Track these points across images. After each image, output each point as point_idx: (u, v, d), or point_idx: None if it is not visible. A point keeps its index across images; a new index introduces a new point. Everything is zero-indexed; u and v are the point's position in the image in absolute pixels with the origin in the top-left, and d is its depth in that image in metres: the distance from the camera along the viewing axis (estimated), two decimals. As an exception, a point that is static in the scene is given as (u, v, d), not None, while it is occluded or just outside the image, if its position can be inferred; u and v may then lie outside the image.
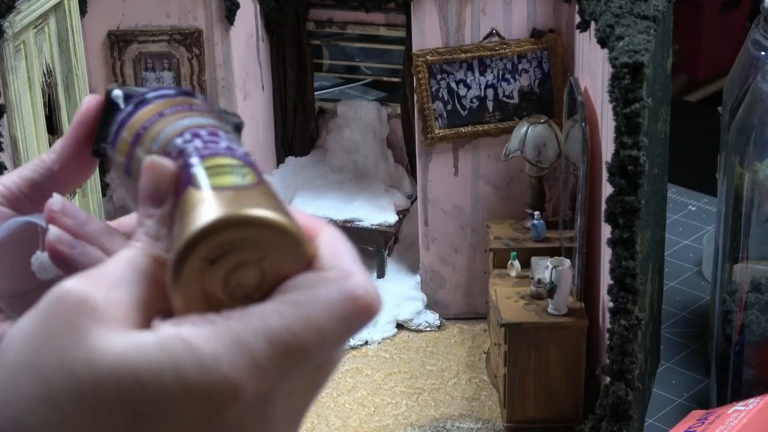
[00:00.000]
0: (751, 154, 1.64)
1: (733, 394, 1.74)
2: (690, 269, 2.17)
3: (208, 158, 0.56)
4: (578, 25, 1.76)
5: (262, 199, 0.54)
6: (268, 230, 0.53)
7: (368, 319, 0.55)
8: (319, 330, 0.53)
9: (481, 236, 2.04)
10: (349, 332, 0.55)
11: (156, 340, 0.51)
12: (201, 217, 0.53)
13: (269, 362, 0.52)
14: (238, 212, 0.53)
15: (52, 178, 0.67)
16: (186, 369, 0.51)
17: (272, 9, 2.11)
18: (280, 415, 0.54)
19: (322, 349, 0.54)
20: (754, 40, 1.75)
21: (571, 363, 1.76)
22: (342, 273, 0.55)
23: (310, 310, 0.53)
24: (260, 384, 0.52)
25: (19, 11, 1.67)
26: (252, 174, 0.56)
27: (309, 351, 0.53)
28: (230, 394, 0.51)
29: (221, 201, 0.53)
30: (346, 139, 2.20)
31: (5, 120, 1.66)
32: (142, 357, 0.51)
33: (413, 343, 2.03)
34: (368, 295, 0.55)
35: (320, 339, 0.53)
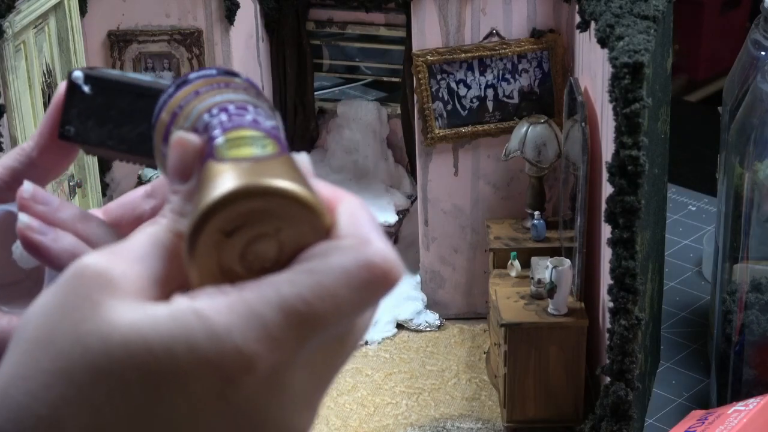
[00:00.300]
0: (751, 154, 1.64)
1: (733, 394, 1.74)
2: (690, 269, 2.17)
3: (230, 131, 0.56)
4: (578, 25, 1.76)
5: (280, 169, 0.54)
6: (285, 200, 0.52)
7: (387, 287, 0.53)
8: (333, 298, 0.52)
9: (481, 236, 2.04)
10: (366, 301, 0.53)
11: (169, 312, 0.51)
12: (216, 189, 0.52)
13: (283, 332, 0.51)
14: (253, 182, 0.52)
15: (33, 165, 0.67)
16: (198, 340, 0.50)
17: (272, 9, 2.11)
18: (298, 388, 0.53)
19: (339, 319, 0.52)
20: (754, 40, 1.75)
21: (571, 363, 1.76)
22: (359, 240, 0.53)
23: (324, 278, 0.52)
24: (274, 355, 0.51)
25: (19, 11, 1.67)
26: (273, 145, 0.56)
27: (324, 320, 0.52)
28: (243, 366, 0.50)
29: (238, 172, 0.53)
30: (346, 139, 2.20)
31: (5, 120, 1.66)
32: (154, 328, 0.50)
33: (413, 343, 2.03)
34: (386, 262, 0.53)
35: (335, 308, 0.52)
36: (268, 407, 0.52)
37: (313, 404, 0.54)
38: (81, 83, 0.64)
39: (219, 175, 0.53)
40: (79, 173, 1.88)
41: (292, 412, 0.53)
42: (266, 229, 0.53)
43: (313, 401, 0.54)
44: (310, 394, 0.54)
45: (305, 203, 0.53)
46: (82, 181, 1.88)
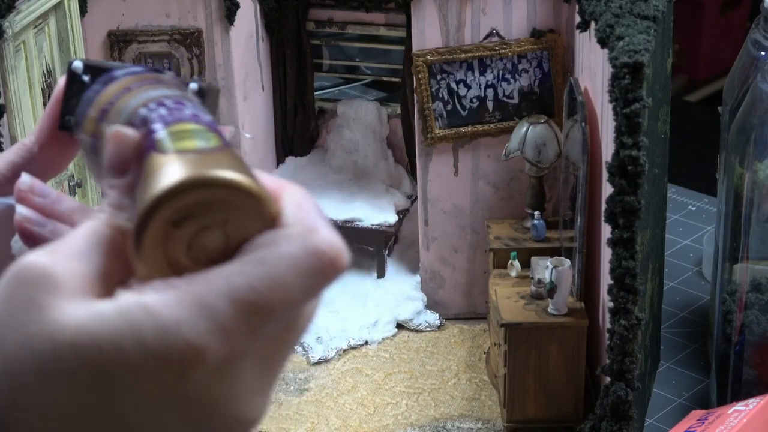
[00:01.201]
0: (751, 154, 1.64)
1: (733, 394, 1.74)
2: (690, 269, 2.17)
3: (172, 124, 0.56)
4: (578, 25, 1.76)
5: (225, 161, 0.54)
6: (231, 191, 0.53)
7: (334, 274, 0.54)
8: (283, 287, 0.52)
9: (481, 236, 2.04)
10: (315, 288, 0.53)
11: (116, 308, 0.51)
12: (163, 180, 0.52)
13: (233, 323, 0.51)
14: (200, 173, 0.52)
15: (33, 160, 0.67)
16: (146, 335, 0.50)
17: (272, 9, 2.11)
18: (250, 377, 0.53)
19: (289, 307, 0.52)
20: (754, 40, 1.75)
21: (571, 363, 1.76)
22: (305, 228, 0.53)
23: (272, 267, 0.52)
24: (225, 346, 0.51)
25: (19, 11, 1.67)
26: (216, 138, 0.56)
27: (274, 309, 0.52)
28: (193, 358, 0.50)
29: (184, 163, 0.53)
30: (346, 139, 2.20)
31: (5, 120, 1.66)
32: (102, 326, 0.50)
33: (413, 343, 2.03)
34: (332, 249, 0.54)
35: (285, 296, 0.52)
36: (221, 398, 0.52)
37: (263, 391, 0.54)
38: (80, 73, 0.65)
39: (165, 167, 0.53)
40: (79, 173, 1.88)
41: (244, 401, 0.53)
42: (212, 220, 0.53)
43: (263, 389, 0.54)
44: (261, 382, 0.54)
45: (251, 193, 0.53)
46: (82, 181, 1.88)
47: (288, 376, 1.95)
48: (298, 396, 1.91)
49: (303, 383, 1.94)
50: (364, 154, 2.19)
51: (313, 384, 1.94)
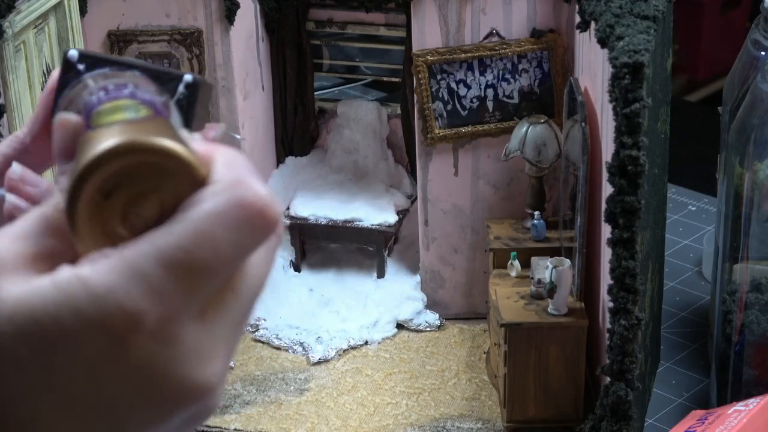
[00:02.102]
0: (751, 154, 1.64)
1: (733, 394, 1.74)
2: (690, 269, 2.17)
3: (105, 103, 0.57)
4: (578, 25, 1.76)
5: (151, 128, 0.54)
6: (153, 155, 0.52)
7: (265, 226, 0.53)
8: (211, 242, 0.52)
9: (481, 236, 2.04)
10: (247, 242, 0.53)
11: (52, 281, 0.51)
12: (87, 152, 0.53)
13: (165, 284, 0.51)
14: (122, 140, 0.52)
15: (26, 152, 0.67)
16: (81, 305, 0.50)
17: (272, 9, 2.11)
18: (193, 340, 0.52)
19: (221, 263, 0.52)
20: (754, 40, 1.75)
21: (571, 363, 1.76)
22: (230, 182, 0.53)
23: (198, 223, 0.52)
24: (160, 308, 0.51)
25: (19, 11, 1.67)
26: (147, 110, 0.56)
27: (205, 266, 0.52)
28: (129, 323, 0.50)
29: (108, 134, 0.53)
30: (346, 139, 2.20)
31: (5, 120, 1.66)
32: (38, 299, 0.50)
33: (413, 343, 2.03)
34: (259, 199, 0.53)
35: (214, 251, 0.52)
36: (164, 362, 0.52)
37: (215, 356, 0.53)
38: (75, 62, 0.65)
39: (90, 141, 0.53)
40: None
41: (191, 365, 0.52)
42: (143, 187, 0.53)
43: (214, 353, 0.53)
44: (209, 346, 0.53)
45: (176, 155, 0.53)
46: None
47: (288, 376, 1.96)
48: (298, 396, 1.91)
49: (303, 383, 1.94)
50: (364, 154, 2.19)
51: (313, 384, 1.94)
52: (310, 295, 2.11)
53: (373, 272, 2.14)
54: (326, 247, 2.19)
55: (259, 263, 0.55)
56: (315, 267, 2.17)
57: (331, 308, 2.08)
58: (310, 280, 2.14)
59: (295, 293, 2.11)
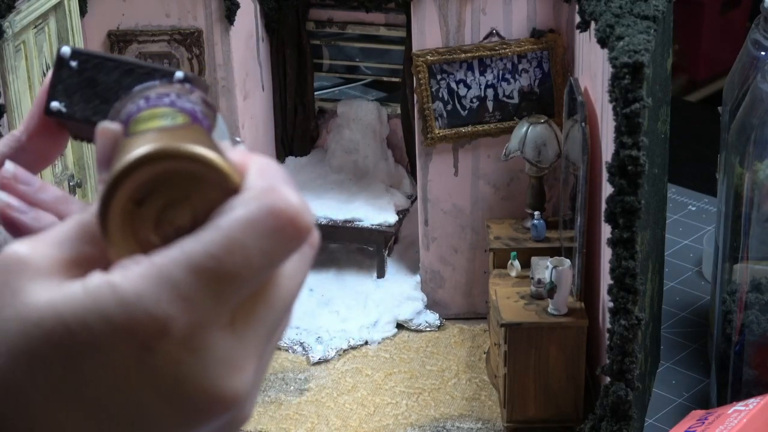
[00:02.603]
0: (751, 154, 1.64)
1: (733, 394, 1.74)
2: (690, 269, 2.17)
3: (144, 110, 0.57)
4: (578, 25, 1.76)
5: (185, 135, 0.54)
6: (188, 163, 0.52)
7: (296, 234, 0.53)
8: (242, 250, 0.51)
9: (481, 236, 2.04)
10: (278, 251, 0.53)
11: (83, 287, 0.51)
12: (121, 160, 0.52)
13: (194, 291, 0.51)
14: (155, 147, 0.52)
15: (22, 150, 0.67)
16: (111, 311, 0.50)
17: (272, 9, 2.11)
18: (221, 349, 0.52)
19: (251, 271, 0.52)
20: (754, 40, 1.75)
21: (571, 363, 1.76)
22: (262, 190, 0.53)
23: (229, 231, 0.51)
24: (188, 316, 0.51)
25: (19, 11, 1.67)
26: (184, 117, 0.56)
27: (235, 273, 0.51)
28: (158, 330, 0.50)
29: (142, 141, 0.53)
30: (346, 139, 2.20)
31: (5, 120, 1.66)
32: (68, 305, 0.50)
33: (413, 343, 2.03)
34: (291, 207, 0.52)
35: (245, 259, 0.51)
36: (190, 370, 0.51)
37: (244, 367, 0.53)
38: (68, 58, 0.65)
39: (125, 148, 0.53)
40: (79, 173, 1.88)
41: (219, 375, 0.52)
42: (177, 195, 0.53)
43: (243, 363, 0.53)
44: (239, 356, 0.53)
45: (208, 163, 0.53)
46: (82, 181, 1.88)
47: (288, 376, 1.96)
48: (298, 396, 1.91)
49: (303, 383, 1.94)
50: (364, 154, 2.19)
51: (313, 384, 1.94)
52: (310, 295, 2.11)
53: (373, 272, 2.14)
54: (326, 247, 2.19)
55: (292, 273, 0.55)
56: (315, 267, 2.16)
57: (331, 308, 2.08)
58: (310, 280, 2.14)
59: (295, 293, 2.11)
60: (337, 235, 2.13)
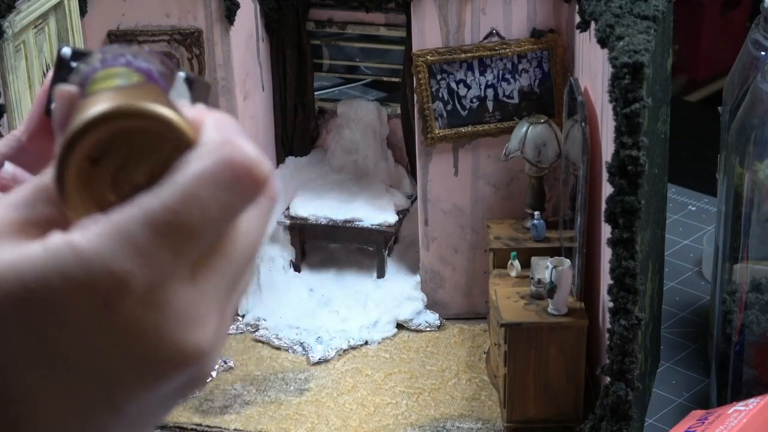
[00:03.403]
0: (751, 154, 1.64)
1: (733, 394, 1.74)
2: (690, 269, 2.17)
3: (99, 71, 0.57)
4: (578, 25, 1.76)
5: (141, 94, 0.54)
6: (142, 120, 0.52)
7: (252, 185, 0.53)
8: (198, 203, 0.51)
9: (481, 236, 2.04)
10: (235, 202, 0.53)
11: (42, 247, 0.51)
12: (75, 120, 0.53)
13: (153, 246, 0.51)
14: (107, 106, 0.52)
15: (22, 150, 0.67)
16: (70, 269, 0.50)
17: (272, 9, 2.11)
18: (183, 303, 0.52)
19: (208, 223, 0.52)
20: (754, 40, 1.75)
21: (571, 363, 1.76)
22: (218, 143, 0.53)
23: (185, 185, 0.51)
24: (147, 271, 0.51)
25: (19, 11, 1.67)
26: (139, 76, 0.56)
27: (192, 226, 0.51)
28: (118, 286, 0.50)
29: (96, 101, 0.53)
30: (346, 139, 2.20)
31: (5, 120, 1.66)
32: (28, 265, 0.51)
33: (413, 343, 2.03)
34: (246, 159, 0.53)
35: (201, 212, 0.51)
36: (152, 325, 0.52)
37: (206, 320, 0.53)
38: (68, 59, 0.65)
39: (81, 108, 0.54)
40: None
41: (181, 329, 0.52)
42: (132, 153, 0.53)
43: (205, 317, 0.53)
44: (200, 309, 0.53)
45: (162, 119, 0.53)
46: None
47: (288, 376, 1.96)
48: (298, 396, 1.91)
49: (303, 383, 1.94)
50: (364, 154, 2.19)
51: (313, 384, 1.94)
52: (310, 295, 2.11)
53: (373, 272, 2.13)
54: (326, 247, 2.19)
55: (251, 226, 0.55)
56: (315, 267, 2.17)
57: (331, 308, 2.08)
58: (310, 280, 2.14)
59: (295, 293, 2.11)
60: (337, 235, 2.13)
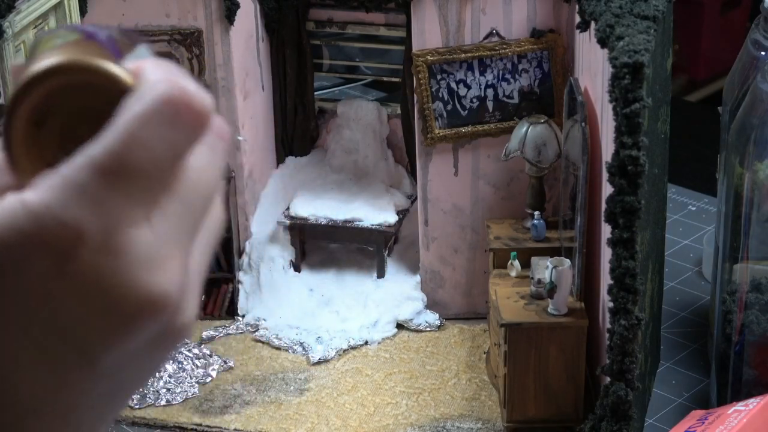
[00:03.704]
0: (751, 154, 1.64)
1: (733, 394, 1.74)
2: (690, 269, 2.17)
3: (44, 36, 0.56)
4: (578, 25, 1.76)
5: (74, 50, 0.53)
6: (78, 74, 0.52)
7: (193, 118, 0.53)
8: (142, 143, 0.51)
9: (481, 236, 2.04)
10: (179, 137, 0.52)
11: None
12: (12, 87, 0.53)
13: (102, 192, 0.51)
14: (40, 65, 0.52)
15: None
16: (23, 224, 0.50)
17: (272, 9, 2.11)
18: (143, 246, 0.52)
19: (157, 163, 0.52)
20: (754, 40, 1.75)
21: (571, 363, 1.76)
22: (154, 82, 0.52)
23: (126, 127, 0.51)
24: (101, 218, 0.51)
25: (19, 11, 1.67)
26: (76, 35, 0.55)
27: (139, 168, 0.51)
28: (72, 237, 0.50)
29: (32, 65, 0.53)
30: (346, 139, 2.20)
31: (5, 120, 1.66)
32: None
33: (413, 343, 2.03)
34: (184, 93, 0.52)
35: (147, 152, 0.51)
36: (111, 273, 0.51)
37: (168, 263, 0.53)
38: None
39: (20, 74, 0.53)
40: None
41: (141, 273, 0.52)
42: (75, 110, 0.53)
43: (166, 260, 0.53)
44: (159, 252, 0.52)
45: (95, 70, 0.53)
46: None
47: (288, 376, 1.96)
48: (298, 396, 1.91)
49: (303, 383, 1.94)
50: (364, 154, 2.19)
51: (313, 384, 1.93)
52: (310, 295, 2.11)
53: (373, 272, 2.13)
54: (326, 247, 2.19)
55: (202, 165, 0.54)
56: (315, 267, 2.17)
57: (331, 308, 2.08)
58: (310, 280, 2.14)
59: (295, 293, 2.11)
60: (337, 235, 2.13)
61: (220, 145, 0.55)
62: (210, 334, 2.05)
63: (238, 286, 2.11)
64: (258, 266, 2.12)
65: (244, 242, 2.15)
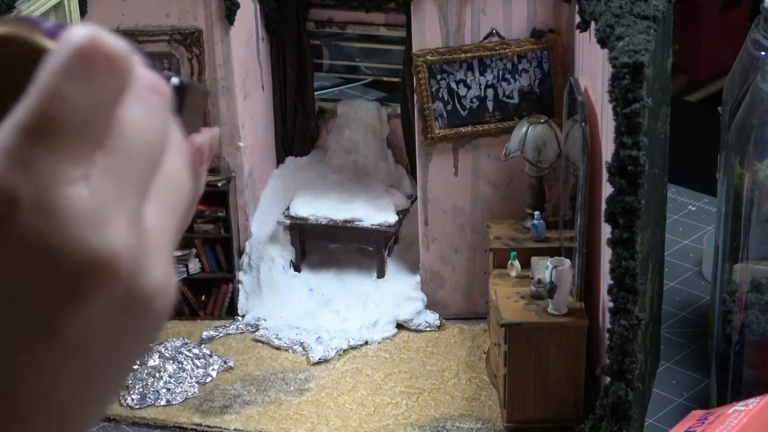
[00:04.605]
0: (751, 154, 1.64)
1: (733, 394, 1.74)
2: (690, 269, 2.17)
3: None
4: (578, 25, 1.76)
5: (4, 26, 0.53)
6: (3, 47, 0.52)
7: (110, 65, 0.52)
8: (61, 97, 0.50)
9: (481, 236, 2.04)
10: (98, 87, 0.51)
11: None
12: None
13: (30, 151, 0.50)
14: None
15: None
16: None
17: (272, 9, 2.11)
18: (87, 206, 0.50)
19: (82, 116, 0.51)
20: (754, 40, 1.75)
21: (571, 363, 1.76)
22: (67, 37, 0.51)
23: (44, 84, 0.50)
24: (33, 179, 0.50)
25: (19, 11, 1.67)
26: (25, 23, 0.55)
27: (63, 123, 0.50)
28: (6, 201, 0.49)
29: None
30: (346, 139, 2.20)
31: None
32: None
33: (413, 343, 2.03)
34: (97, 42, 0.51)
35: (69, 107, 0.50)
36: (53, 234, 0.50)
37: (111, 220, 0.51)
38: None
39: None
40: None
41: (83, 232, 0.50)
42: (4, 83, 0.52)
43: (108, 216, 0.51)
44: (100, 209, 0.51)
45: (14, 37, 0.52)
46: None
47: (288, 376, 1.96)
48: (298, 396, 1.91)
49: (303, 383, 1.94)
50: (364, 154, 2.19)
51: (313, 384, 1.93)
52: (310, 295, 2.11)
53: (373, 272, 2.13)
54: (326, 247, 2.19)
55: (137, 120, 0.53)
56: (315, 267, 2.17)
57: (331, 308, 2.08)
58: (310, 280, 2.14)
59: (295, 293, 2.11)
60: (337, 235, 2.13)
61: (155, 99, 0.54)
62: (210, 334, 2.05)
63: (238, 286, 2.11)
64: (258, 266, 2.12)
65: (244, 242, 2.15)
